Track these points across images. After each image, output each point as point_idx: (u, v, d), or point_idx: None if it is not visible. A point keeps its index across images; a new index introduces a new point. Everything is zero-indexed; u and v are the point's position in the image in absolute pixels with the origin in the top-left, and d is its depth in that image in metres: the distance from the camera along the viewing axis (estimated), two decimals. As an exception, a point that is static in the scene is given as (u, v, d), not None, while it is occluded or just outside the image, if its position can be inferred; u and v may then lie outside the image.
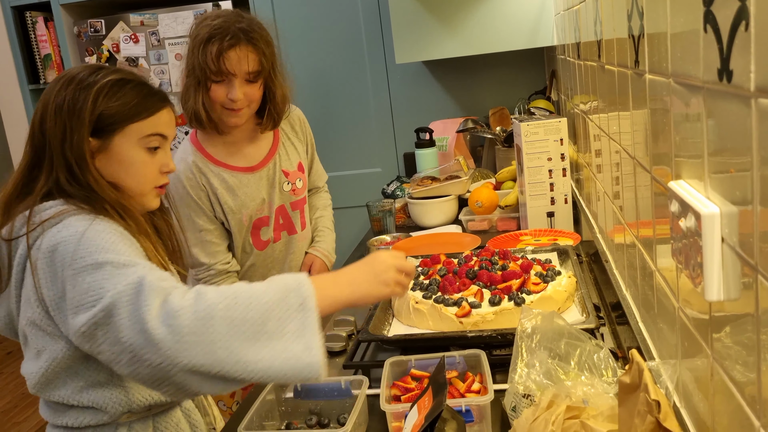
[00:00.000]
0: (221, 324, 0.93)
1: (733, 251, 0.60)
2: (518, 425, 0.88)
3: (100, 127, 1.16)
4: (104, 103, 1.16)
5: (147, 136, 1.21)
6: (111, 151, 1.18)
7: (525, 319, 1.00)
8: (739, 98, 0.54)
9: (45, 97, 1.18)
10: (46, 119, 1.16)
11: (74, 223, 1.09)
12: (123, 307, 0.95)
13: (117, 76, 1.20)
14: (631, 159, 1.07)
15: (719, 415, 0.70)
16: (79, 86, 1.16)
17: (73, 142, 1.14)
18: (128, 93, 1.19)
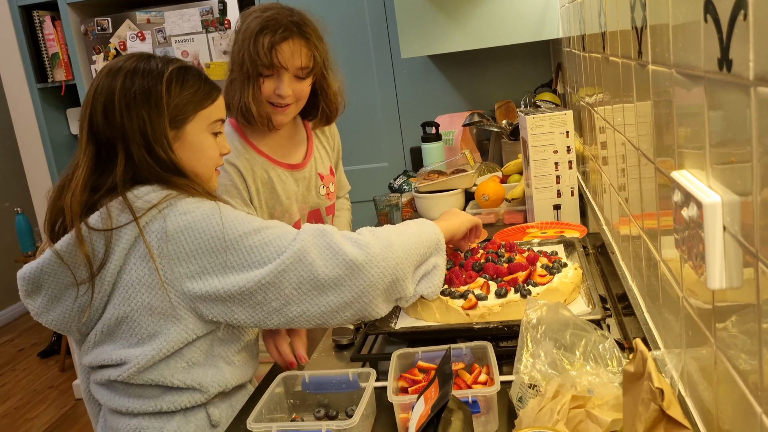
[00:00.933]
0: (399, 249, 1.20)
1: (734, 240, 0.60)
2: (524, 415, 0.89)
3: (174, 115, 1.20)
4: (177, 92, 1.20)
5: (213, 122, 1.26)
6: (185, 139, 1.22)
7: (530, 310, 1.00)
8: (739, 87, 0.55)
9: (97, 95, 1.18)
10: (113, 112, 1.17)
11: (195, 203, 1.16)
12: (315, 248, 1.15)
13: (177, 65, 1.23)
14: (635, 150, 1.07)
15: (723, 403, 0.71)
16: (146, 77, 1.19)
17: (156, 132, 1.17)
18: (193, 81, 1.24)
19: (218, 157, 1.29)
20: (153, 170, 1.18)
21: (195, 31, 3.07)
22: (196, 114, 1.22)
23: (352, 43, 3.14)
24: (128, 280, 1.14)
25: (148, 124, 1.17)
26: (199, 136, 1.24)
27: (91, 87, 1.21)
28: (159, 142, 1.17)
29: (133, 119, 1.16)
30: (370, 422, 1.08)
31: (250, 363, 1.30)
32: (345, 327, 1.40)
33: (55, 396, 3.80)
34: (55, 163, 3.40)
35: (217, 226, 1.14)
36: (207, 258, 1.13)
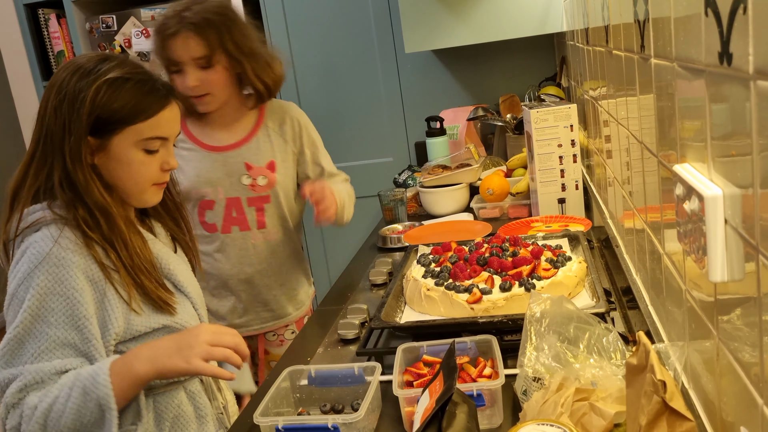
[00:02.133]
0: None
1: (736, 232, 0.60)
2: (528, 408, 0.90)
3: (99, 126, 1.15)
4: (103, 103, 1.15)
5: (146, 139, 1.19)
6: (110, 150, 1.18)
7: (534, 303, 1.01)
8: (739, 80, 0.55)
9: (50, 87, 1.18)
10: (47, 112, 1.17)
11: (37, 244, 1.13)
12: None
13: (118, 73, 1.17)
14: (639, 144, 1.07)
15: (726, 395, 0.71)
16: (80, 81, 1.15)
17: (71, 140, 1.14)
18: (127, 92, 1.17)
19: (156, 172, 1.22)
20: (61, 187, 1.15)
21: (199, 28, 3.07)
22: (123, 128, 1.17)
23: (356, 38, 3.13)
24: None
25: (65, 134, 1.14)
26: (125, 150, 1.18)
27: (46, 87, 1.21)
28: (72, 155, 1.14)
29: (58, 123, 1.15)
30: (375, 416, 1.08)
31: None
32: (350, 322, 1.41)
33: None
34: (62, 161, 3.41)
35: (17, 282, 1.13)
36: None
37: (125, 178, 1.20)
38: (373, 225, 2.59)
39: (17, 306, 1.11)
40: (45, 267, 1.11)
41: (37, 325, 1.10)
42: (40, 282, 1.11)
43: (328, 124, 3.24)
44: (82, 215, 1.15)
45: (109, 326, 1.15)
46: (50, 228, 1.15)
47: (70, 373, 1.10)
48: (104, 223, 1.16)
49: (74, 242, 1.14)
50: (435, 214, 2.26)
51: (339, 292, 1.72)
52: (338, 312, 1.55)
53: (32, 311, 1.10)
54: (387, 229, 2.14)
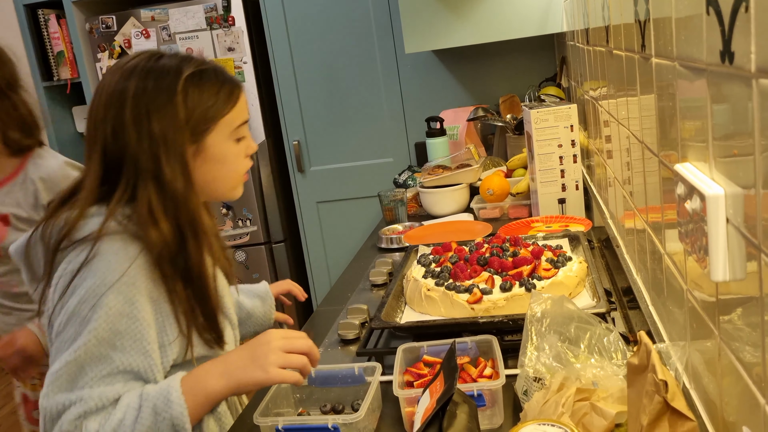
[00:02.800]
0: None
1: (737, 232, 0.60)
2: (529, 408, 0.89)
3: (193, 128, 1.07)
4: (194, 103, 1.07)
5: (237, 128, 1.13)
6: (206, 152, 1.09)
7: (535, 303, 1.01)
8: (741, 79, 0.55)
9: (117, 98, 1.06)
10: (124, 127, 1.04)
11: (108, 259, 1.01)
12: (46, 422, 0.99)
13: (192, 68, 1.08)
14: (639, 144, 1.07)
15: (727, 395, 0.71)
16: (160, 83, 1.05)
17: (172, 154, 1.04)
18: (212, 82, 1.10)
19: (245, 162, 1.16)
20: (154, 209, 1.04)
21: (199, 28, 3.07)
22: (217, 123, 1.09)
23: (356, 39, 3.13)
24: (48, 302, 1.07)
25: (161, 147, 1.04)
26: (221, 145, 1.11)
27: (99, 92, 1.08)
28: (173, 168, 1.05)
29: (144, 142, 1.04)
30: (376, 416, 1.08)
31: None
32: (350, 322, 1.41)
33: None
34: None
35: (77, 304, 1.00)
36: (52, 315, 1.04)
37: (221, 176, 1.13)
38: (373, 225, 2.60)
39: (78, 325, 1.00)
40: (118, 286, 1.00)
41: (102, 349, 0.99)
42: (110, 302, 1.00)
43: (328, 125, 3.24)
44: (167, 238, 1.05)
45: (168, 351, 1.07)
46: (119, 241, 1.03)
47: (132, 393, 1.00)
48: (193, 242, 1.07)
49: (147, 262, 1.04)
50: (435, 214, 2.26)
51: (339, 293, 1.72)
52: (338, 312, 1.55)
53: (99, 334, 0.99)
54: (387, 229, 2.14)
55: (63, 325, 1.01)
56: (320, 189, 3.30)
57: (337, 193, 3.29)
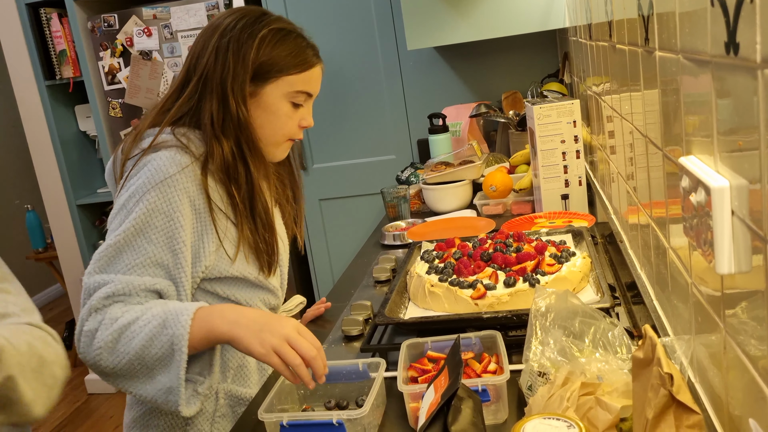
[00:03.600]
0: (105, 355, 1.09)
1: (743, 224, 0.60)
2: (534, 403, 0.89)
3: (258, 72, 1.21)
4: (267, 52, 1.21)
5: (296, 92, 1.25)
6: (260, 98, 1.23)
7: (539, 297, 1.00)
8: (746, 70, 0.55)
9: (211, 30, 1.23)
10: (207, 52, 1.21)
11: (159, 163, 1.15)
12: (82, 297, 1.14)
13: (281, 24, 1.25)
14: (643, 138, 1.07)
15: (733, 389, 0.71)
16: (246, 28, 1.21)
17: (236, 83, 1.19)
18: (289, 44, 1.24)
19: (293, 127, 1.28)
20: (215, 123, 1.20)
21: (201, 26, 3.07)
22: (278, 77, 1.23)
23: (358, 35, 3.13)
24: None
25: (230, 74, 1.19)
26: (275, 99, 1.24)
27: (197, 36, 1.27)
28: (235, 94, 1.19)
29: (218, 67, 1.20)
30: (380, 412, 1.08)
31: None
32: (354, 318, 1.41)
33: (68, 391, 3.82)
34: (64, 160, 3.41)
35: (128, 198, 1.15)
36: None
37: (267, 127, 1.25)
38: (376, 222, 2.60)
39: (123, 216, 1.14)
40: (161, 187, 1.14)
41: (138, 239, 1.13)
42: (151, 198, 1.13)
43: (331, 122, 3.24)
44: (226, 151, 1.19)
45: (202, 258, 1.19)
46: (173, 151, 1.17)
47: (159, 302, 1.12)
48: (252, 162, 1.22)
49: (194, 173, 1.18)
50: (438, 211, 2.26)
51: (342, 289, 1.72)
52: (342, 309, 1.55)
53: (137, 224, 1.13)
54: (390, 226, 2.14)
55: (114, 216, 1.16)
56: (323, 186, 3.30)
57: (339, 191, 3.29)
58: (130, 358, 1.08)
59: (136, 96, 3.22)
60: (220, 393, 1.26)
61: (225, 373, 1.27)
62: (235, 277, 1.24)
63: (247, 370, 1.31)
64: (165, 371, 1.09)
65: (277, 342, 1.03)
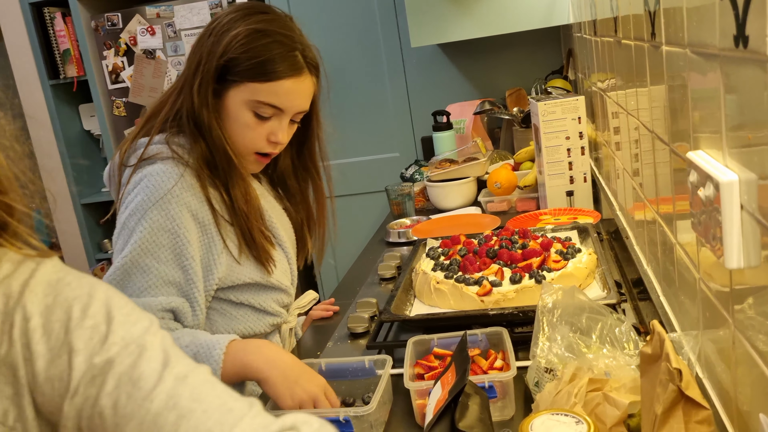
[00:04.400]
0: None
1: (752, 218, 0.60)
2: (541, 399, 0.89)
3: (223, 72, 1.16)
4: (233, 50, 1.15)
5: (259, 102, 1.16)
6: (224, 101, 1.18)
7: (546, 294, 1.00)
8: (756, 63, 0.54)
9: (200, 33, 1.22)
10: (197, 44, 1.19)
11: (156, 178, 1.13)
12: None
13: (261, 25, 1.16)
14: (650, 134, 1.07)
15: (742, 384, 0.70)
16: (230, 23, 1.17)
17: (200, 79, 1.16)
18: (260, 48, 1.15)
19: (259, 141, 1.20)
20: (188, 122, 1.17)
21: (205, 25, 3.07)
22: (241, 82, 1.16)
23: (361, 33, 3.13)
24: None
25: (199, 72, 1.16)
26: (236, 106, 1.17)
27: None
28: (200, 91, 1.16)
29: (193, 65, 1.18)
30: (387, 409, 1.08)
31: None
32: (360, 315, 1.40)
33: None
34: (69, 159, 3.42)
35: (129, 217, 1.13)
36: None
37: (230, 134, 1.19)
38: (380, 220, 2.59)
39: (126, 236, 1.12)
40: (161, 203, 1.11)
41: (145, 259, 1.10)
42: (153, 216, 1.11)
43: (334, 120, 3.23)
44: (204, 152, 1.17)
45: (213, 270, 1.16)
46: (169, 164, 1.15)
47: (187, 332, 1.10)
48: (222, 169, 1.18)
49: (191, 184, 1.15)
50: (443, 208, 2.25)
51: (348, 287, 1.72)
52: (347, 306, 1.55)
53: (142, 244, 1.10)
54: (395, 223, 2.14)
55: (117, 236, 1.13)
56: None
57: (344, 189, 3.29)
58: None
59: (140, 95, 3.23)
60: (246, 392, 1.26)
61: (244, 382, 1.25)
62: (246, 283, 1.23)
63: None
64: None
65: (306, 399, 1.04)
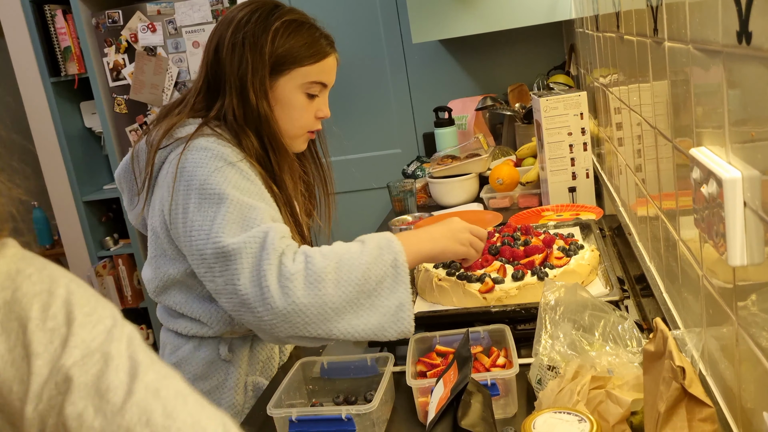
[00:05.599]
0: (330, 287, 1.02)
1: (755, 215, 0.59)
2: (544, 397, 0.89)
3: (273, 66, 1.21)
4: (281, 43, 1.21)
5: (311, 83, 1.25)
6: (275, 90, 1.23)
7: (548, 291, 1.00)
8: (759, 60, 0.54)
9: (225, 24, 1.23)
10: (223, 48, 1.21)
11: (213, 146, 1.14)
12: (246, 257, 1.04)
13: (294, 16, 1.24)
14: (652, 130, 1.06)
15: (745, 381, 0.70)
16: (259, 21, 1.21)
17: (255, 78, 1.19)
18: (302, 35, 1.23)
19: (310, 119, 1.28)
20: (236, 118, 1.20)
21: (205, 21, 3.07)
22: (293, 69, 1.22)
23: (362, 29, 3.12)
24: (153, 201, 1.21)
25: (249, 69, 1.19)
26: (290, 92, 1.23)
27: (213, 30, 1.27)
28: (255, 90, 1.20)
29: (236, 62, 1.20)
30: (389, 407, 1.08)
31: None
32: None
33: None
34: (70, 157, 3.42)
35: (196, 177, 1.11)
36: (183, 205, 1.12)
37: (284, 119, 1.24)
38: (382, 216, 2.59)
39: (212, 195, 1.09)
40: (231, 167, 1.13)
41: (251, 200, 1.10)
42: (230, 174, 1.11)
43: (336, 116, 3.22)
44: (255, 145, 1.20)
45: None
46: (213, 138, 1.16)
47: (338, 242, 1.13)
48: (273, 156, 1.22)
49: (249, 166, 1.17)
50: (445, 204, 2.25)
51: (350, 284, 1.71)
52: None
53: (236, 189, 1.10)
54: (397, 220, 2.13)
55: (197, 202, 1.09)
56: (329, 181, 3.29)
57: (345, 185, 3.29)
58: (357, 284, 1.04)
59: (141, 92, 3.22)
60: (249, 385, 1.29)
61: (254, 365, 1.30)
62: None
63: (273, 362, 1.34)
64: (390, 292, 1.07)
65: (468, 235, 1.21)
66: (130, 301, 3.57)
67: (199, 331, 1.25)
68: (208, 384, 1.26)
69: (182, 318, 1.26)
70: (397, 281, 1.08)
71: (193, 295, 1.22)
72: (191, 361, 1.26)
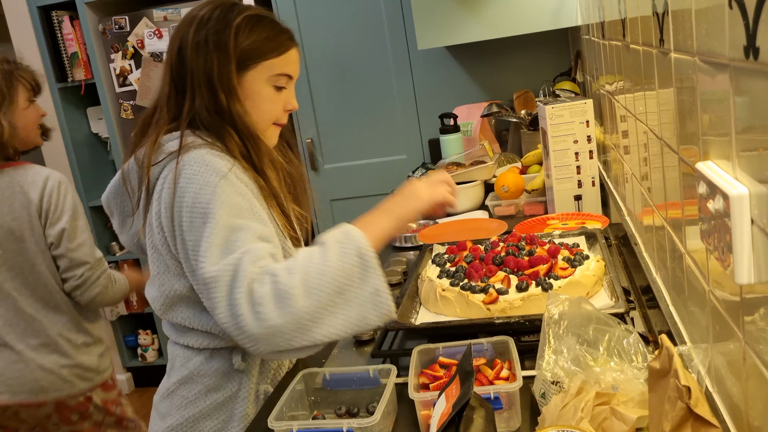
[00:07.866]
0: (300, 300, 1.01)
1: (763, 233, 0.58)
2: (547, 412, 0.88)
3: (239, 61, 1.21)
4: (244, 38, 1.21)
5: (277, 75, 1.25)
6: (243, 86, 1.23)
7: (552, 305, 0.99)
8: (766, 76, 0.53)
9: (187, 24, 1.23)
10: (187, 48, 1.21)
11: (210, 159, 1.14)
12: (221, 288, 1.04)
13: (252, 11, 1.24)
14: (658, 140, 1.05)
15: (753, 399, 0.69)
16: (220, 18, 1.21)
17: (222, 75, 1.19)
18: (264, 28, 1.24)
19: (278, 111, 1.28)
20: (211, 117, 1.20)
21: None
22: (258, 63, 1.23)
23: (368, 35, 3.12)
24: (149, 218, 1.20)
25: (214, 68, 1.19)
26: (257, 85, 1.24)
27: (174, 31, 1.27)
28: (224, 88, 1.20)
29: (201, 61, 1.20)
30: (391, 419, 1.07)
31: None
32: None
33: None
34: (77, 162, 3.42)
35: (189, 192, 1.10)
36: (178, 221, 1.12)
37: (252, 113, 1.25)
38: (387, 223, 2.58)
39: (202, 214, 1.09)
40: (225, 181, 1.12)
41: (235, 221, 1.09)
42: (224, 189, 1.11)
43: (341, 123, 3.23)
44: (237, 142, 1.21)
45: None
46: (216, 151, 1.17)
47: (302, 249, 1.14)
48: (253, 152, 1.22)
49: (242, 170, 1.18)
50: (450, 211, 2.24)
51: (353, 293, 1.71)
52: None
53: (227, 210, 1.09)
54: (401, 227, 2.12)
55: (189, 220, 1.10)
56: (334, 187, 3.29)
57: (351, 191, 3.28)
58: (329, 287, 1.03)
59: (147, 98, 3.23)
60: (261, 394, 1.28)
61: (265, 373, 1.29)
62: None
63: (282, 370, 1.34)
64: (362, 282, 1.05)
65: (424, 187, 1.23)
66: (135, 306, 3.57)
67: (210, 343, 1.23)
68: (222, 395, 1.25)
69: (192, 332, 1.24)
70: (366, 269, 1.06)
71: (200, 308, 1.20)
72: (204, 373, 1.25)
